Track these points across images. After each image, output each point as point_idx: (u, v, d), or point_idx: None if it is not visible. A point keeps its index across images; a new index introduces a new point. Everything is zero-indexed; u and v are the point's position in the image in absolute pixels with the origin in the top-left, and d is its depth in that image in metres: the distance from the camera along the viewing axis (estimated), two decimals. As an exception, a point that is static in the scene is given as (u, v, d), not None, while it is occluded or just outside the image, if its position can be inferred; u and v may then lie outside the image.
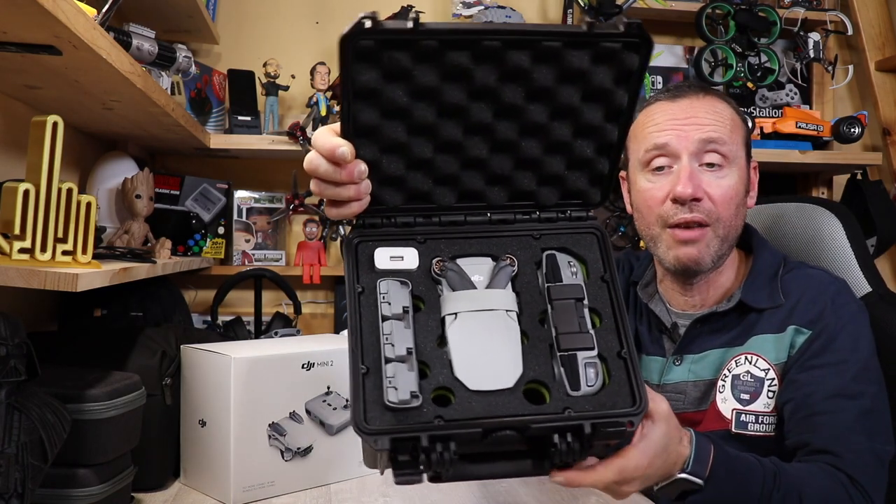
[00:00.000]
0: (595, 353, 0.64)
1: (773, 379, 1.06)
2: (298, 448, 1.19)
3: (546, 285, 0.68)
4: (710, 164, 1.08)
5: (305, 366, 1.20)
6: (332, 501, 1.17)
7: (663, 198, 1.09)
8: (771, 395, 1.06)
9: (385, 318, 0.66)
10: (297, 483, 1.20)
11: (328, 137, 0.69)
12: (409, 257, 0.70)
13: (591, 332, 0.65)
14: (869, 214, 2.12)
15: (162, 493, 1.21)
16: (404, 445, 0.61)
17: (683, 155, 1.08)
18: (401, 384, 0.62)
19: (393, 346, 0.64)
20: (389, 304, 0.66)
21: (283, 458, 1.18)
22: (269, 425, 1.17)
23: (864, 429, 0.99)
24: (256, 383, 1.15)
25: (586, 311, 0.66)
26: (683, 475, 0.82)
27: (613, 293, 0.67)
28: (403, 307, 0.66)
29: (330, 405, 1.22)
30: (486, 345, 0.64)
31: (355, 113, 0.67)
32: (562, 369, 0.64)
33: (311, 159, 0.69)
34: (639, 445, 0.72)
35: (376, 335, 0.65)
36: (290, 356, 1.19)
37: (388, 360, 0.63)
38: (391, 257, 0.70)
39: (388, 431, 0.61)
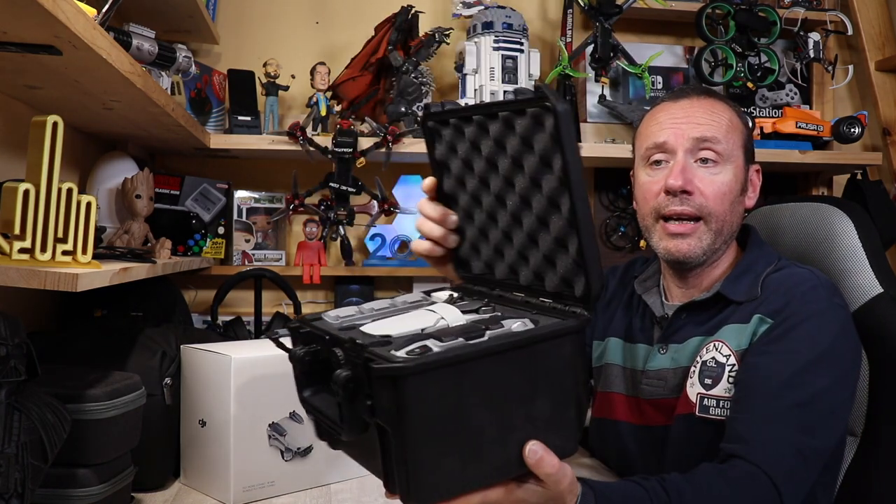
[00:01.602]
0: (422, 342, 0.75)
1: (734, 365, 1.08)
2: (298, 448, 1.19)
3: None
4: (705, 160, 1.13)
5: (305, 366, 1.20)
6: (331, 501, 1.17)
7: (658, 190, 1.15)
8: (731, 380, 1.07)
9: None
10: (297, 483, 1.20)
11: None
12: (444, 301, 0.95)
13: (440, 334, 0.74)
14: (869, 214, 2.11)
15: (162, 493, 1.21)
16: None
17: (679, 151, 1.13)
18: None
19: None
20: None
21: (283, 458, 1.18)
22: (269, 425, 1.17)
23: (794, 419, 0.98)
24: (256, 383, 1.15)
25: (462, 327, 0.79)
26: None
27: (500, 342, 0.74)
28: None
29: (330, 405, 1.22)
30: (403, 321, 0.85)
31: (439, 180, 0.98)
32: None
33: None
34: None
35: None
36: (290, 356, 1.19)
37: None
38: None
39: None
